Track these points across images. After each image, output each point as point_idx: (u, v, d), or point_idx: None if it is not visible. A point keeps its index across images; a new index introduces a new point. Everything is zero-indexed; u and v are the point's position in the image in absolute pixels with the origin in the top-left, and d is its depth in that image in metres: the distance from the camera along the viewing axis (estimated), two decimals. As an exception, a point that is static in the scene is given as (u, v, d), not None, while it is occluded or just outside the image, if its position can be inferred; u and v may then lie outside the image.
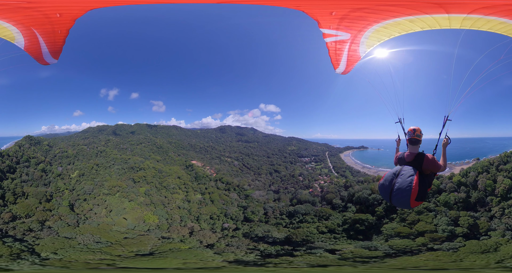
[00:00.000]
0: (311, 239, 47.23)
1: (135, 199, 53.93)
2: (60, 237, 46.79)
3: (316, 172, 79.17)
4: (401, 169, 7.70)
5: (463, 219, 49.82)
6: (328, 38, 10.20)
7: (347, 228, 52.05)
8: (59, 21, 10.01)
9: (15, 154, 66.88)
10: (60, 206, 55.89)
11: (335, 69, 11.28)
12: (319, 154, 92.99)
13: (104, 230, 48.27)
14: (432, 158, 7.87)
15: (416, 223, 50.71)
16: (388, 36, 9.90)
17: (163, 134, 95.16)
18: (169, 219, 51.17)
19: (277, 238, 46.07)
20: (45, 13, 9.61)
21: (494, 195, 53.06)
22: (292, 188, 65.95)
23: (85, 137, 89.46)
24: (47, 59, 11.30)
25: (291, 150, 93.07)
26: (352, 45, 10.36)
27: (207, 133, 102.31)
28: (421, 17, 8.84)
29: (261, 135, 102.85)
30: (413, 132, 8.06)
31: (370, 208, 55.33)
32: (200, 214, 53.39)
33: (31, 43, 10.60)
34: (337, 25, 9.63)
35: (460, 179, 58.15)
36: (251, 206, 55.88)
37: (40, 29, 10.27)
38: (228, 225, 51.06)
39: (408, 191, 7.40)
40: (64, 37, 10.70)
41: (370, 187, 59.42)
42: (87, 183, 61.70)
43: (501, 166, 56.03)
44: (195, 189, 61.20)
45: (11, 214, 51.86)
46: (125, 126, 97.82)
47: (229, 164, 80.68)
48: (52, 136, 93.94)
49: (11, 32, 10.15)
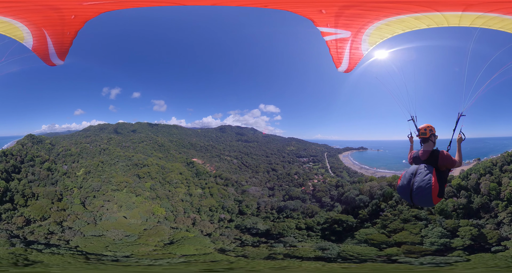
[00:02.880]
0: (285, 233, 51.98)
1: (142, 194, 59.58)
2: (88, 236, 48.84)
3: (312, 171, 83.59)
4: (418, 168, 8.03)
5: (464, 230, 46.18)
6: (328, 37, 10.50)
7: (326, 227, 53.69)
8: (71, 23, 10.35)
9: (19, 153, 67.66)
10: (73, 205, 57.34)
11: (337, 68, 11.52)
12: (318, 155, 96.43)
13: (124, 224, 51.87)
14: (447, 154, 8.16)
15: (398, 231, 49.05)
16: (391, 33, 10.04)
17: (164, 132, 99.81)
18: (174, 211, 57.50)
19: (260, 230, 52.56)
20: (62, 14, 9.94)
21: (499, 199, 50.15)
22: (287, 186, 70.89)
23: (86, 135, 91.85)
24: (54, 60, 11.68)
25: (290, 150, 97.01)
26: (353, 43, 10.54)
27: (208, 132, 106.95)
28: (429, 15, 8.90)
29: (260, 135, 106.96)
30: (419, 131, 8.54)
31: (355, 209, 56.37)
32: (201, 206, 60.22)
33: (39, 44, 10.97)
34: (335, 23, 9.84)
35: (460, 182, 55.85)
36: (246, 200, 62.35)
37: (50, 30, 10.61)
38: (224, 216, 58.22)
39: (429, 189, 7.69)
40: (72, 39, 11.11)
41: (359, 187, 60.89)
42: (95, 180, 64.36)
43: (505, 166, 54.13)
44: (196, 184, 67.48)
45: (24, 218, 51.61)
46: (126, 124, 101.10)
47: (228, 162, 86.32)
48: (53, 135, 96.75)
49: (21, 32, 10.48)
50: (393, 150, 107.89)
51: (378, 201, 56.12)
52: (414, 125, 9.28)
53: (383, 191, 57.11)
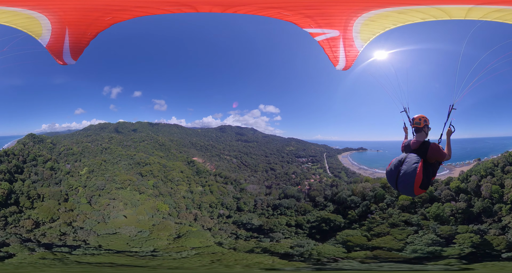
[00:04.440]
0: (275, 229, 55.09)
1: (146, 191, 63.14)
2: (102, 235, 50.03)
3: (310, 171, 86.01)
4: (406, 156, 8.24)
5: (463, 237, 43.88)
6: (318, 37, 10.70)
7: (314, 226, 55.09)
8: (99, 23, 10.24)
9: (20, 153, 68.05)
10: (80, 205, 58.17)
11: (335, 66, 11.68)
12: (317, 155, 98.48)
13: (133, 220, 54.25)
14: (437, 147, 8.35)
15: (382, 236, 47.95)
16: (382, 28, 10.14)
17: (164, 132, 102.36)
18: (177, 207, 61.50)
19: (254, 225, 56.41)
20: (96, 16, 9.83)
21: (503, 202, 48.31)
22: (284, 185, 74.09)
23: (87, 134, 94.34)
24: (66, 59, 11.54)
25: (289, 150, 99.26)
26: (346, 41, 10.69)
27: (208, 132, 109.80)
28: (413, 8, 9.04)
29: (260, 135, 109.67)
30: (413, 120, 8.75)
31: (346, 210, 57.13)
32: (202, 203, 64.33)
33: (56, 41, 10.77)
34: (316, 24, 10.04)
35: (459, 184, 53.89)
36: (244, 197, 66.45)
37: (73, 29, 10.43)
38: (223, 212, 62.62)
39: (412, 178, 7.88)
40: (90, 40, 11.01)
41: (352, 188, 61.83)
42: (99, 178, 66.35)
43: (507, 167, 52.89)
44: (196, 182, 71.50)
45: (32, 220, 51.48)
46: (127, 124, 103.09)
47: (228, 162, 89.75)
48: (53, 134, 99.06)
49: (41, 28, 10.21)
50: (392, 150, 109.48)
51: (369, 202, 56.63)
52: (406, 116, 9.55)
53: (375, 193, 57.69)
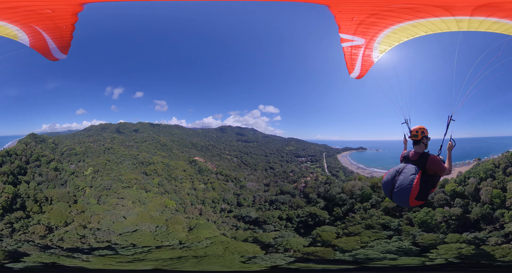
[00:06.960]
0: (268, 221, 61.78)
1: (151, 189, 68.95)
2: (123, 233, 52.05)
3: (308, 170, 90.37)
4: (404, 167, 8.49)
5: (446, 248, 40.36)
6: (345, 43, 11.18)
7: (302, 220, 59.72)
8: (58, 17, 10.46)
9: (23, 153, 68.31)
10: (91, 206, 59.47)
11: (350, 74, 12.14)
12: (316, 155, 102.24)
13: (147, 217, 58.06)
14: (436, 160, 8.58)
15: (351, 236, 48.09)
16: (397, 41, 10.83)
17: (165, 132, 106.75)
18: (183, 203, 68.09)
19: (251, 218, 64.12)
20: (33, 10, 10.12)
21: (505, 208, 45.17)
22: (281, 182, 79.16)
23: (88, 135, 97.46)
24: (56, 54, 11.89)
25: (289, 150, 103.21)
26: (366, 50, 11.32)
27: (208, 133, 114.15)
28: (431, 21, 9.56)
29: (260, 136, 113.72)
30: (411, 132, 9.04)
31: (334, 206, 60.47)
32: (205, 199, 71.13)
33: (36, 40, 11.14)
34: (354, 31, 10.65)
35: (456, 188, 50.97)
36: (244, 193, 73.06)
37: (41, 25, 10.71)
38: (225, 207, 70.16)
39: (408, 190, 8.11)
40: (70, 32, 11.22)
41: (342, 186, 65.66)
42: (104, 178, 69.24)
43: (509, 168, 49.84)
44: (199, 180, 77.76)
45: (43, 226, 50.38)
46: (128, 124, 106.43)
47: (229, 161, 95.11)
48: (53, 134, 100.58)
49: (11, 30, 10.71)
50: (392, 150, 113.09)
51: (355, 201, 59.76)
52: (407, 128, 9.71)
53: (362, 192, 60.54)
